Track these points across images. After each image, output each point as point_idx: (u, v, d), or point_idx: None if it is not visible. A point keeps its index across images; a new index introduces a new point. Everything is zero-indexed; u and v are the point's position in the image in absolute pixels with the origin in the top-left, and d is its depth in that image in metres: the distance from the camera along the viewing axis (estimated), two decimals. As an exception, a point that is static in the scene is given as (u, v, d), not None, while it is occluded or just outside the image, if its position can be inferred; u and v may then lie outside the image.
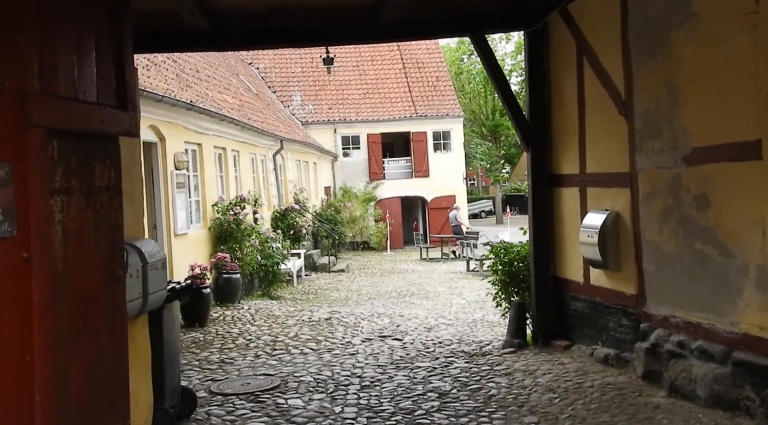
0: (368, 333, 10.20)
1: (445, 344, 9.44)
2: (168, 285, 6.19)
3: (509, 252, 9.18)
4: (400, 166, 33.72)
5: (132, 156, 5.64)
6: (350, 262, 24.36)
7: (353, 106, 33.76)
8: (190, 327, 10.17)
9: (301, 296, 16.11)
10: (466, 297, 14.82)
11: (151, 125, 11.07)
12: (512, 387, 7.22)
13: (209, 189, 13.84)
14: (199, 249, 12.83)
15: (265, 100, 27.61)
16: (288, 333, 9.99)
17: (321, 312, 12.06)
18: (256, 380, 7.78)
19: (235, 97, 20.38)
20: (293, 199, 22.56)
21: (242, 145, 16.79)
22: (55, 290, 4.01)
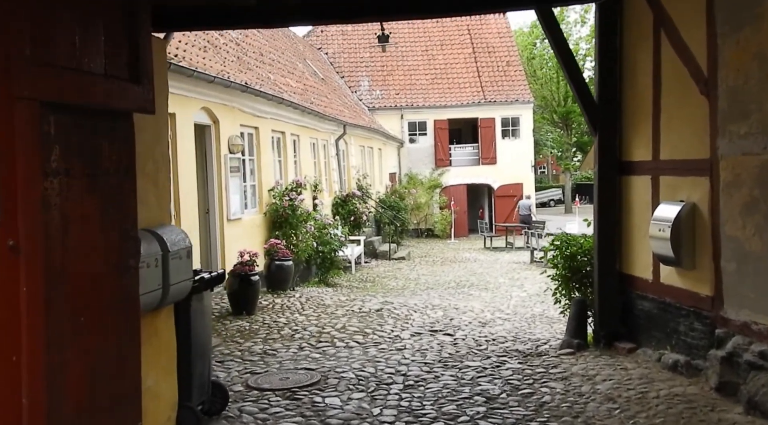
0: (419, 326, 9.71)
1: (498, 341, 8.87)
2: (197, 275, 5.86)
3: (571, 245, 8.52)
4: (467, 153, 32.99)
5: (156, 135, 5.29)
6: (412, 250, 23.90)
7: (421, 91, 33.16)
8: (237, 315, 9.90)
9: (357, 284, 15.74)
10: (528, 289, 14.14)
11: (203, 107, 10.82)
12: (568, 393, 6.62)
13: (266, 173, 13.56)
14: (254, 234, 12.57)
15: (332, 85, 27.32)
16: (335, 324, 9.60)
17: (373, 302, 11.64)
18: (296, 375, 7.40)
19: (299, 81, 20.13)
20: (355, 185, 22.20)
21: (303, 130, 16.48)
22: (50, 282, 3.63)
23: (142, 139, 5.14)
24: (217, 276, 6.06)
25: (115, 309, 4.22)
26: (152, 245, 4.83)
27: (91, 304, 3.96)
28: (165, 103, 5.50)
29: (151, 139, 5.20)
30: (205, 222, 11.27)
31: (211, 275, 5.94)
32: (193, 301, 5.74)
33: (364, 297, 12.47)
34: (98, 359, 4.03)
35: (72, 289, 3.80)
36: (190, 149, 10.14)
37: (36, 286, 3.42)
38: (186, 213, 9.90)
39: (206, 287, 5.86)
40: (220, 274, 6.14)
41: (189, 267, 5.33)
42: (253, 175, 13.18)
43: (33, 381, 3.41)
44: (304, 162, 16.57)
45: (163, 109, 5.44)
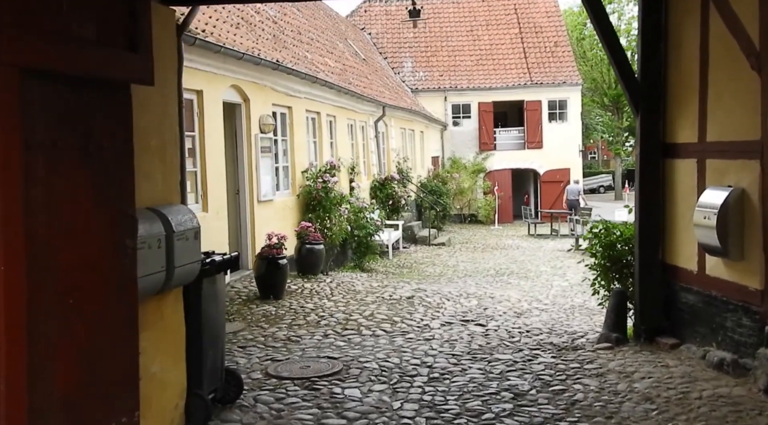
0: (450, 316, 9.35)
1: (532, 333, 8.46)
2: (209, 257, 5.60)
3: (611, 233, 8.04)
4: (512, 137, 32.28)
5: (164, 109, 5.01)
6: (453, 235, 23.46)
7: (465, 73, 32.51)
8: (264, 299, 9.67)
9: (394, 269, 15.43)
10: (570, 278, 13.63)
11: (233, 85, 10.57)
12: (602, 391, 6.19)
13: (299, 154, 13.30)
14: (286, 217, 12.33)
15: (373, 65, 26.92)
16: (364, 311, 9.30)
17: (405, 289, 11.30)
18: (318, 363, 7.12)
19: (338, 61, 19.80)
20: (395, 168, 21.83)
21: (339, 110, 16.16)
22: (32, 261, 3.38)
23: (147, 112, 4.88)
24: (230, 259, 5.79)
25: (109, 292, 3.96)
26: (155, 225, 4.56)
27: (82, 286, 3.70)
28: (174, 76, 5.23)
29: (158, 113, 4.93)
30: (235, 204, 11.05)
31: (224, 258, 5.68)
32: (204, 285, 5.48)
33: (397, 284, 12.15)
34: (90, 344, 3.77)
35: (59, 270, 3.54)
36: (218, 128, 9.91)
37: (14, 266, 3.16)
38: (214, 193, 9.69)
39: (218, 270, 5.60)
40: (233, 257, 5.88)
41: (197, 249, 5.06)
42: (285, 156, 12.92)
43: (11, 365, 3.16)
44: (341, 143, 16.25)
45: (172, 82, 5.17)
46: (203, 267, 5.39)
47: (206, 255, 5.63)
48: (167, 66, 5.11)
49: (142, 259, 4.36)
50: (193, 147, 9.41)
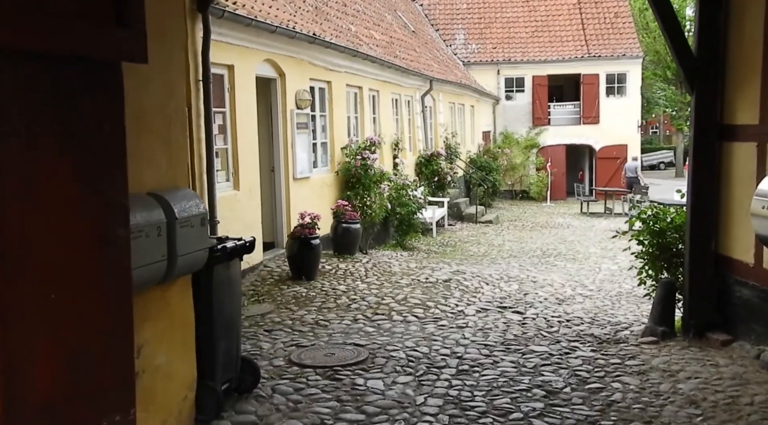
0: (486, 301, 8.94)
1: (573, 323, 8.00)
2: (222, 243, 5.32)
3: (660, 219, 7.49)
4: (567, 112, 31.29)
5: (168, 87, 4.71)
6: (502, 213, 22.90)
7: (519, 45, 31.55)
8: (296, 280, 9.43)
9: (436, 248, 15.04)
10: (620, 262, 13.01)
11: (267, 59, 10.26)
12: (643, 392, 5.75)
13: (339, 130, 12.96)
14: (323, 194, 12.05)
15: (423, 38, 26.30)
16: (397, 295, 8.96)
17: (443, 271, 10.91)
18: (343, 351, 6.84)
19: (385, 33, 19.31)
20: (443, 143, 21.32)
21: (383, 85, 15.73)
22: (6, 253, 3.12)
23: (149, 91, 4.58)
24: (244, 245, 5.50)
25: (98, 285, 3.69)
26: (154, 212, 4.29)
27: (66, 280, 3.44)
28: (182, 52, 4.92)
29: (161, 91, 4.63)
30: (270, 182, 10.81)
31: (237, 244, 5.39)
32: (216, 272, 5.21)
33: (436, 265, 11.77)
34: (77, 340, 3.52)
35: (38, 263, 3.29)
36: (250, 103, 9.63)
37: (-19, 259, 2.90)
38: (245, 171, 9.44)
39: (230, 257, 5.32)
40: (248, 243, 5.58)
41: (203, 236, 4.78)
42: (324, 132, 12.60)
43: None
44: (384, 119, 15.85)
45: (179, 58, 4.86)
46: (213, 254, 5.12)
47: (219, 241, 5.36)
48: (173, 41, 4.81)
49: (140, 249, 4.10)
50: (223, 123, 9.16)
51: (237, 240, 5.52)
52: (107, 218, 3.73)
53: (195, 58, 8.08)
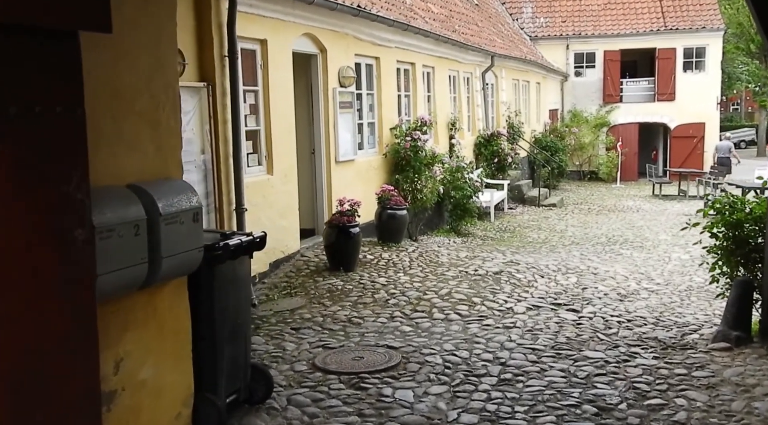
0: (539, 297, 8.13)
1: (635, 324, 7.15)
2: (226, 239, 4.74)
3: (737, 209, 6.56)
4: (641, 88, 29.68)
5: (155, 61, 4.11)
6: (567, 195, 21.80)
7: (590, 18, 30.05)
8: (333, 271, 8.83)
9: (493, 234, 14.23)
10: (692, 251, 11.93)
11: (306, 33, 9.61)
12: (711, 410, 4.94)
13: (387, 109, 12.26)
14: (370, 178, 11.40)
15: (487, 11, 25.21)
16: (440, 289, 8.25)
17: (495, 261, 10.12)
18: (374, 354, 6.21)
19: (444, 6, 18.42)
20: (505, 122, 20.35)
21: (439, 61, 14.91)
22: None
23: (130, 67, 3.98)
24: (252, 242, 4.91)
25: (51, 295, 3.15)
26: (131, 208, 3.71)
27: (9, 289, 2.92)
28: (172, 21, 4.31)
29: (147, 67, 4.05)
30: (310, 165, 10.22)
31: (243, 241, 4.79)
32: (218, 272, 4.64)
33: (489, 254, 10.99)
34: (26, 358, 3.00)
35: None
36: (286, 81, 9.02)
37: None
38: (280, 154, 8.87)
39: (234, 255, 4.73)
40: (258, 238, 4.98)
41: (197, 234, 4.18)
42: (372, 112, 11.92)
43: None
44: (440, 97, 15.03)
45: (169, 29, 4.26)
46: (214, 252, 4.54)
47: (222, 237, 4.78)
48: (162, 9, 4.21)
49: (111, 251, 3.54)
50: (255, 103, 8.58)
51: (245, 235, 4.94)
52: (61, 216, 3.16)
53: (219, 30, 7.51)
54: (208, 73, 7.47)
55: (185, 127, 7.15)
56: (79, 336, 3.23)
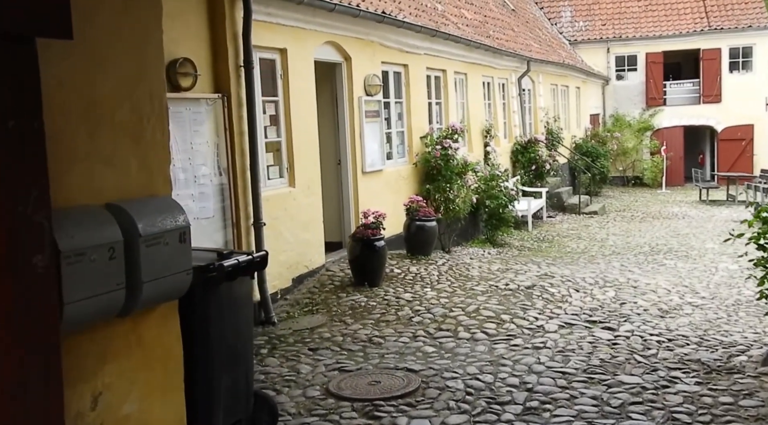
0: (573, 314, 7.65)
1: (676, 343, 6.64)
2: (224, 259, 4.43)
3: (788, 219, 6.02)
4: (685, 90, 28.77)
5: (138, 71, 3.82)
6: (610, 202, 21.12)
7: (631, 20, 29.31)
8: (358, 286, 8.48)
9: (530, 244, 13.73)
10: (741, 261, 11.29)
11: (329, 41, 9.33)
12: (762, 449, 4.43)
13: (417, 118, 11.90)
14: (399, 189, 11.04)
15: (524, 16, 24.72)
16: (468, 305, 7.83)
17: (529, 274, 9.65)
18: (392, 378, 5.84)
19: (478, 12, 18.04)
20: (543, 128, 19.82)
21: (472, 67, 14.50)
22: None
23: (108, 76, 3.69)
24: (252, 262, 4.58)
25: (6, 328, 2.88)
26: (105, 229, 3.41)
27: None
28: (158, 25, 4.02)
29: (128, 76, 3.75)
30: (336, 176, 9.91)
31: (240, 261, 4.47)
32: (214, 294, 4.33)
33: (524, 265, 10.52)
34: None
35: None
36: (308, 90, 8.73)
37: None
38: (302, 166, 8.57)
39: (232, 276, 4.41)
40: (258, 258, 4.66)
41: (183, 255, 3.85)
42: (401, 120, 11.58)
43: None
44: (474, 104, 14.62)
45: (154, 35, 3.98)
46: (208, 273, 4.24)
47: (219, 257, 4.47)
48: (147, 12, 3.92)
49: (81, 277, 3.25)
50: (276, 114, 8.31)
51: (244, 254, 4.62)
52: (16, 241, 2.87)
53: (234, 40, 7.25)
54: (223, 84, 7.21)
55: (199, 140, 6.91)
56: (41, 373, 2.93)
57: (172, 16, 6.57)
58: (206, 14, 7.08)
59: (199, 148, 6.94)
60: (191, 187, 6.83)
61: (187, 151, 6.78)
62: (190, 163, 6.82)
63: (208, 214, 7.03)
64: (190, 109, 6.82)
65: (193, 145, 6.86)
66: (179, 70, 6.57)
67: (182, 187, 6.71)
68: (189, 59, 6.66)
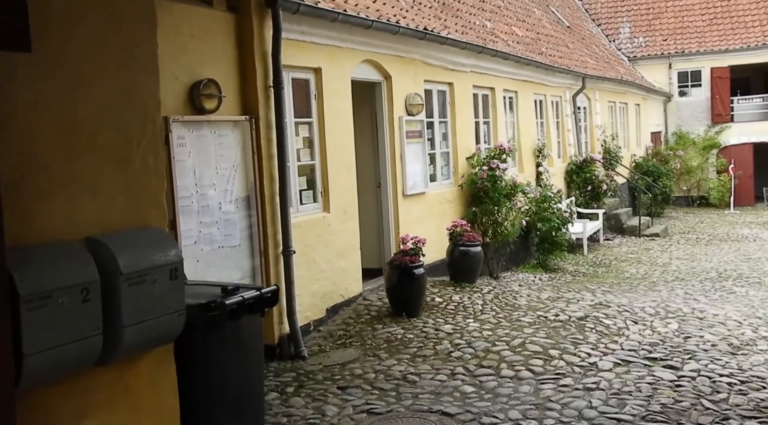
0: (630, 349, 6.96)
1: (750, 386, 5.90)
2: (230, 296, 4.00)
3: None
4: (754, 106, 27.45)
5: (127, 88, 3.44)
6: (672, 224, 20.09)
7: (694, 35, 28.20)
8: (395, 316, 7.98)
9: (585, 269, 12.99)
10: (820, 288, 10.40)
11: (367, 59, 8.93)
12: None
13: (463, 138, 11.38)
14: (443, 212, 10.52)
15: (580, 33, 24.00)
16: (513, 338, 7.22)
17: (582, 303, 8.96)
18: (424, 423, 5.30)
19: (531, 29, 17.48)
20: (600, 147, 19.02)
21: (522, 85, 13.93)
22: None
23: (92, 94, 3.34)
24: (259, 298, 4.14)
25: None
26: (78, 267, 3.02)
27: None
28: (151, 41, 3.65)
29: (113, 94, 3.38)
30: (376, 199, 9.46)
31: (245, 298, 4.03)
32: (216, 335, 3.91)
33: (577, 293, 9.83)
34: None
35: None
36: (344, 111, 8.34)
37: None
38: (338, 190, 8.16)
39: (234, 315, 3.97)
40: (269, 293, 4.22)
41: (175, 293, 3.43)
42: (446, 140, 11.08)
43: None
44: (525, 123, 14.02)
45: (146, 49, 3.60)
46: (209, 312, 3.81)
47: (224, 293, 4.04)
48: (137, 23, 3.56)
49: (47, 322, 2.86)
50: (310, 136, 7.93)
51: (253, 290, 4.18)
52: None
53: (263, 60, 6.91)
54: (251, 106, 6.86)
55: (225, 165, 6.56)
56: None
57: (197, 37, 6.28)
58: (234, 34, 6.76)
59: (224, 173, 6.58)
60: (215, 214, 6.46)
61: (211, 176, 6.43)
62: (214, 189, 6.46)
63: (233, 242, 6.66)
64: (215, 132, 6.48)
65: (218, 170, 6.51)
66: (203, 92, 6.24)
67: (206, 215, 6.35)
68: (213, 80, 6.33)
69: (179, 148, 6.04)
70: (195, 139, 6.26)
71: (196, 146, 6.27)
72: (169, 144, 5.85)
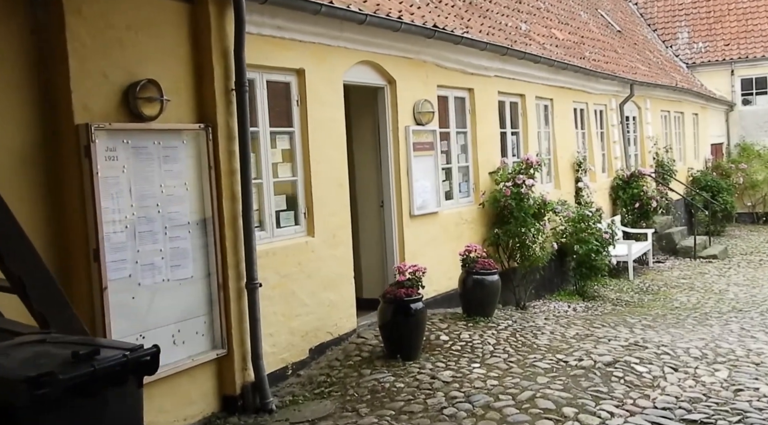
0: (666, 404, 5.62)
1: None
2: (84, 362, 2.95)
3: None
4: (827, 114, 25.43)
5: None
6: (733, 243, 18.36)
7: (759, 39, 26.33)
8: (389, 359, 6.81)
9: (630, 296, 11.60)
10: None
11: (365, 61, 7.87)
12: None
13: (486, 150, 10.19)
14: (461, 235, 9.34)
15: (632, 38, 22.51)
16: (522, 390, 5.97)
17: (614, 343, 7.61)
18: None
19: (575, 33, 16.19)
20: (652, 160, 17.51)
21: (559, 92, 12.65)
22: None
23: None
24: (128, 362, 3.06)
25: None
26: None
27: None
28: None
29: None
30: (379, 221, 8.37)
31: (98, 366, 2.95)
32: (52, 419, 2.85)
33: (612, 328, 8.49)
34: None
35: None
36: (334, 119, 7.28)
37: None
38: (326, 211, 7.09)
39: (84, 391, 2.91)
40: (147, 354, 3.14)
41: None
42: (465, 153, 9.90)
43: None
44: (562, 134, 12.72)
45: None
46: (37, 390, 2.77)
47: (74, 359, 2.98)
48: None
49: None
50: (290, 148, 6.90)
51: (118, 351, 3.11)
52: None
53: (224, 58, 5.91)
54: (209, 112, 5.86)
55: (172, 182, 5.57)
56: None
57: (135, 29, 5.30)
58: (186, 26, 5.77)
59: (173, 192, 5.57)
60: (159, 242, 5.45)
61: (154, 195, 5.43)
62: (158, 211, 5.46)
63: (184, 275, 5.63)
64: (159, 142, 5.48)
65: (164, 188, 5.51)
66: (140, 95, 5.24)
67: (146, 242, 5.35)
68: (154, 81, 5.34)
69: (107, 162, 5.06)
70: (131, 151, 5.27)
71: (132, 160, 5.28)
72: (90, 156, 4.88)
